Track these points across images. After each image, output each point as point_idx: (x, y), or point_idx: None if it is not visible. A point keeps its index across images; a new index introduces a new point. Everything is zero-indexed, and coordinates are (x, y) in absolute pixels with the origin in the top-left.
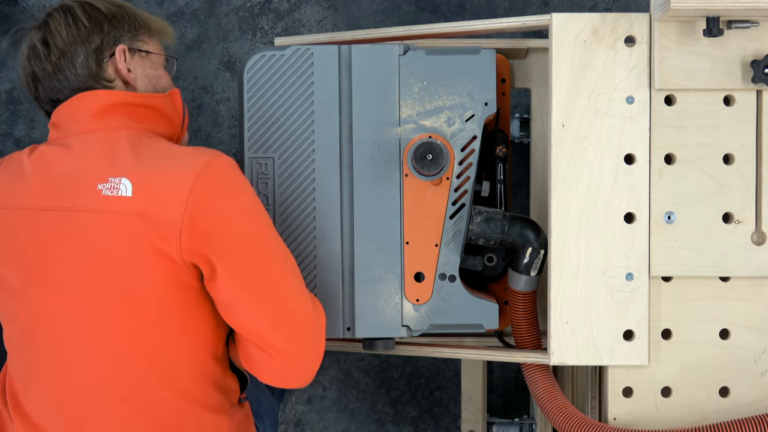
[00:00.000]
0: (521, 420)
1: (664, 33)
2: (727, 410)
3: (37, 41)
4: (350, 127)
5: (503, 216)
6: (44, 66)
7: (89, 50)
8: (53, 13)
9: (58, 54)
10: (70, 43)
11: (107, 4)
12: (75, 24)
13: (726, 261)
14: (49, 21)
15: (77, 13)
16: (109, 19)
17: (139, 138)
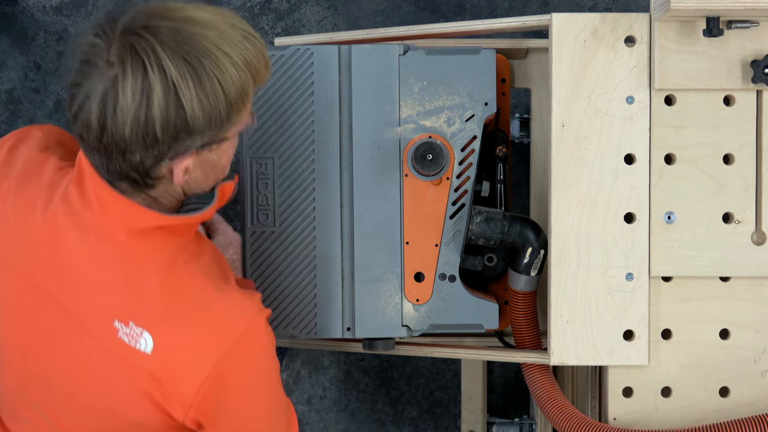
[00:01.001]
0: (521, 420)
1: (664, 33)
2: (727, 410)
3: (93, 106)
4: (350, 127)
5: (503, 216)
6: (91, 138)
7: (149, 155)
8: (128, 75)
9: (111, 142)
10: (129, 142)
11: (199, 100)
12: (145, 124)
13: (726, 261)
14: (120, 89)
15: (153, 110)
16: (189, 129)
17: (172, 268)
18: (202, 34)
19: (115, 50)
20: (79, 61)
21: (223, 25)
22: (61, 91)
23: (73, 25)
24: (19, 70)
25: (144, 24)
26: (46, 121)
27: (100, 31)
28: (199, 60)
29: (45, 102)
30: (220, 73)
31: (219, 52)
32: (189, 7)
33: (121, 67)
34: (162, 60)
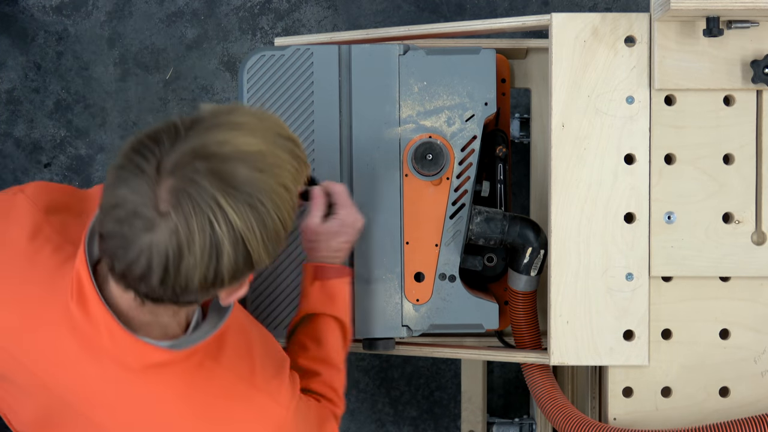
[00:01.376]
0: (521, 420)
1: (664, 33)
2: (727, 410)
3: (153, 264)
4: (350, 127)
5: (503, 216)
6: (140, 286)
7: (207, 294)
8: (194, 232)
9: (168, 291)
10: (191, 291)
11: (264, 243)
12: (213, 277)
13: (726, 261)
14: (186, 247)
15: (222, 265)
16: (252, 267)
17: (192, 386)
18: (258, 170)
19: (167, 198)
20: (114, 204)
21: (273, 146)
22: (61, 91)
23: (73, 25)
24: (19, 70)
25: (195, 167)
26: (45, 121)
27: (135, 168)
28: (261, 202)
29: (45, 102)
30: (280, 209)
31: (276, 185)
32: (234, 132)
33: (183, 221)
34: (227, 212)
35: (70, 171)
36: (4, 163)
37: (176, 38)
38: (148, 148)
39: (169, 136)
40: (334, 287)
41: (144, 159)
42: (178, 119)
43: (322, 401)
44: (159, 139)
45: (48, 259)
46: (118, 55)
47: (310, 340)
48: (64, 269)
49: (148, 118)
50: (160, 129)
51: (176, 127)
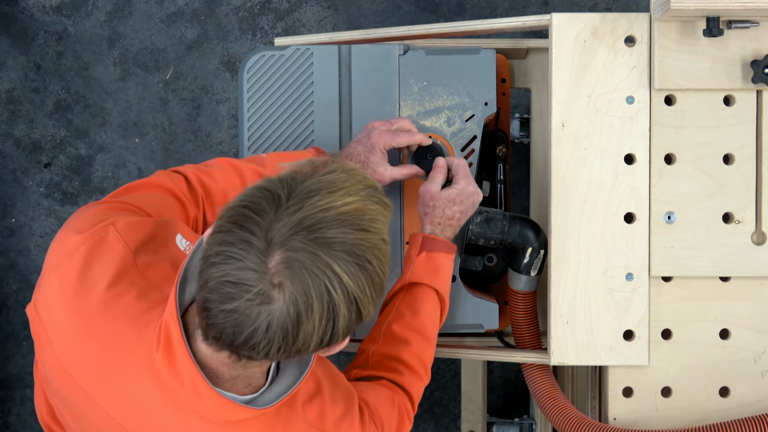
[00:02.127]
0: (521, 420)
1: (664, 33)
2: (727, 410)
3: (272, 335)
4: (350, 127)
5: (503, 216)
6: (253, 354)
7: (319, 350)
8: (311, 300)
9: (290, 350)
10: (311, 351)
11: (373, 299)
12: (330, 339)
13: (726, 261)
14: (305, 315)
15: (338, 327)
16: (360, 321)
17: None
18: (362, 230)
19: (281, 269)
20: (222, 279)
21: (367, 201)
22: (61, 91)
23: (73, 25)
24: (19, 70)
25: (305, 236)
26: (45, 121)
27: (242, 242)
28: (369, 261)
29: (45, 102)
30: (383, 263)
31: (378, 241)
32: (333, 194)
33: (300, 291)
34: (341, 277)
35: (70, 171)
36: (4, 163)
37: (176, 38)
38: (251, 219)
39: (271, 205)
40: (439, 260)
41: (250, 232)
42: (274, 185)
43: (405, 377)
44: (262, 210)
45: (130, 306)
46: (118, 55)
47: (407, 308)
48: (150, 316)
49: (148, 118)
50: (260, 198)
51: (277, 196)
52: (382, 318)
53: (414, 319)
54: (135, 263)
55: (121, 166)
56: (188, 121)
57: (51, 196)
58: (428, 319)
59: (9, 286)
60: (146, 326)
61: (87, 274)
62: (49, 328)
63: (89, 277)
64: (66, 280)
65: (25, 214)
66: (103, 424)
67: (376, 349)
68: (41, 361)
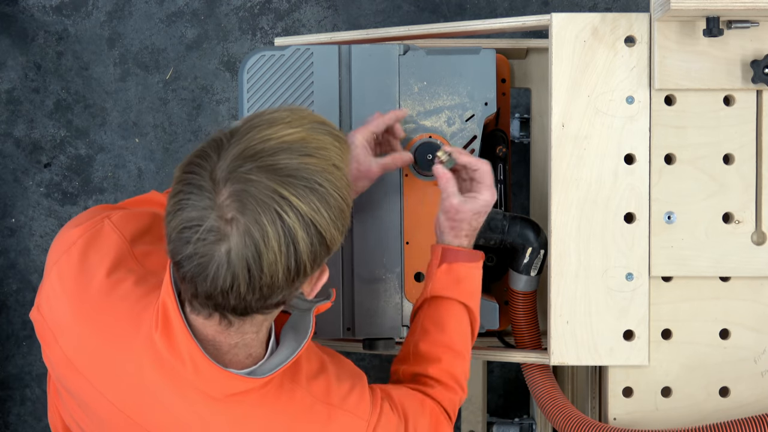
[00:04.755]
0: (521, 420)
1: (664, 33)
2: (727, 410)
3: (237, 271)
4: (350, 127)
5: (503, 216)
6: (227, 298)
7: (292, 290)
8: (265, 227)
9: (255, 295)
10: (277, 287)
11: (333, 221)
12: (296, 267)
13: (726, 261)
14: (263, 244)
15: (300, 252)
16: (328, 249)
17: (278, 410)
18: (306, 155)
19: (230, 203)
20: (179, 227)
21: (312, 131)
22: (61, 91)
23: (73, 25)
24: (19, 70)
25: (247, 168)
26: (45, 121)
27: (191, 186)
28: (318, 183)
29: (45, 102)
30: (337, 186)
31: (327, 165)
32: (273, 127)
33: (252, 221)
34: (290, 200)
35: (70, 171)
36: (4, 163)
37: (176, 38)
38: (197, 164)
39: (213, 149)
40: (461, 271)
41: (197, 175)
42: (218, 133)
43: (436, 389)
44: (206, 155)
45: (129, 292)
46: (118, 55)
47: (431, 324)
48: (147, 300)
49: (148, 118)
50: (205, 146)
51: (219, 140)
52: (409, 337)
53: (440, 334)
54: (132, 252)
55: (121, 166)
56: (188, 121)
57: (51, 196)
58: (455, 333)
59: (9, 286)
60: (145, 309)
61: (85, 265)
62: (53, 326)
63: (88, 267)
64: (65, 273)
65: (25, 214)
66: (115, 419)
67: (406, 369)
68: (50, 364)
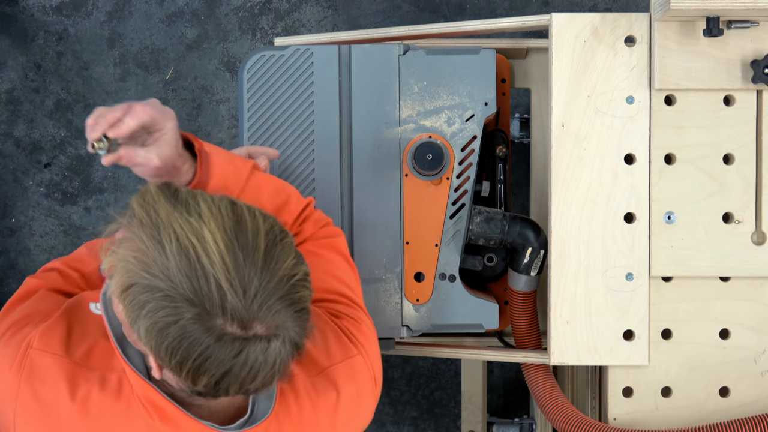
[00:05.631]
0: (521, 420)
1: (664, 33)
2: (727, 410)
3: (261, 374)
4: (350, 127)
5: (503, 216)
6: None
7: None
8: (271, 348)
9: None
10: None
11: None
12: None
13: (726, 261)
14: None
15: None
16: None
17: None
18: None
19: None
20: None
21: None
22: (61, 91)
23: (73, 25)
24: (19, 70)
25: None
26: (45, 121)
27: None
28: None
29: (45, 102)
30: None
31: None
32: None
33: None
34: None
35: (70, 171)
36: (4, 163)
37: (176, 38)
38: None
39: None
40: (214, 151)
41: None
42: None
43: (308, 222)
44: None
45: (102, 400)
46: (118, 55)
47: (272, 200)
48: (124, 395)
49: None
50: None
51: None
52: None
53: (277, 196)
54: (75, 363)
55: (121, 166)
56: (188, 121)
57: (51, 196)
58: (279, 189)
59: (9, 286)
60: (128, 405)
61: (44, 404)
62: None
63: (47, 404)
64: (31, 423)
65: (25, 214)
66: None
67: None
68: None
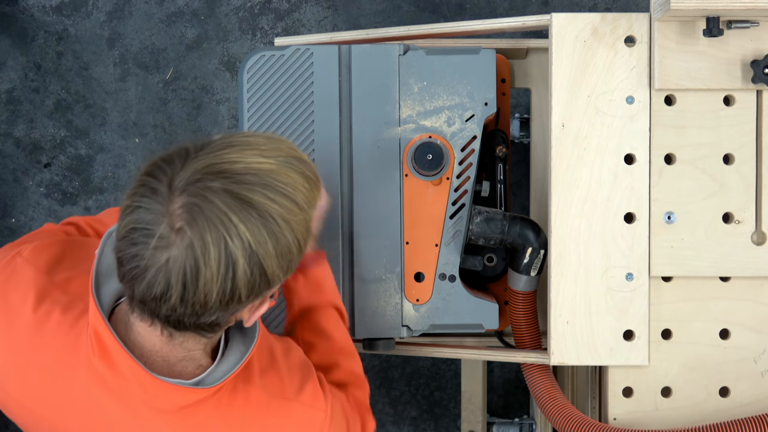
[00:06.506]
0: (521, 420)
1: (664, 33)
2: (727, 410)
3: (172, 280)
4: (350, 127)
5: (503, 216)
6: (160, 306)
7: (227, 314)
8: (208, 246)
9: (188, 309)
10: (209, 307)
11: (278, 258)
12: (231, 292)
13: (726, 261)
14: (203, 261)
15: (238, 279)
16: (269, 284)
17: (231, 415)
18: (269, 187)
19: (181, 214)
20: (129, 226)
21: (284, 166)
22: (61, 91)
23: (73, 25)
24: (19, 70)
25: (206, 184)
26: (45, 121)
27: (148, 189)
28: (273, 219)
29: (45, 102)
30: (292, 226)
31: (289, 203)
32: (246, 151)
33: (197, 236)
34: (239, 228)
35: (70, 171)
36: (4, 163)
37: (176, 38)
38: (160, 168)
39: (180, 157)
40: (317, 275)
41: (156, 179)
42: (189, 143)
43: (349, 389)
44: (170, 161)
45: (59, 323)
46: (118, 55)
47: (314, 336)
48: (79, 327)
49: (148, 118)
50: (172, 152)
51: (187, 150)
52: None
53: (328, 342)
54: (51, 281)
55: (121, 166)
56: (188, 121)
57: (51, 196)
58: (338, 334)
59: None
60: (79, 336)
61: (8, 306)
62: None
63: (11, 308)
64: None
65: (25, 214)
66: None
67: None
68: (3, 409)
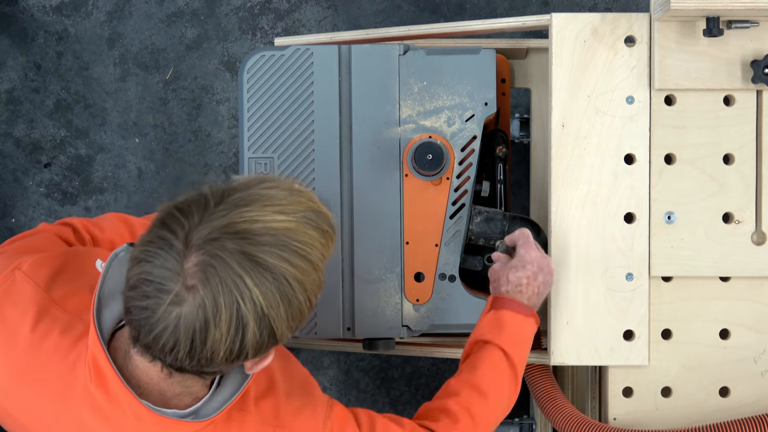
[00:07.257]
0: (521, 420)
1: (664, 33)
2: (727, 410)
3: (180, 337)
4: (350, 127)
5: (503, 216)
6: (167, 357)
7: (231, 365)
8: (220, 308)
9: (194, 363)
10: (215, 362)
11: (288, 320)
12: (238, 351)
13: (726, 261)
14: (213, 323)
15: (247, 340)
16: (276, 341)
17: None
18: (286, 248)
19: (195, 272)
20: (141, 277)
21: (302, 223)
22: (61, 91)
23: (73, 25)
24: (19, 70)
25: (223, 244)
26: (45, 121)
27: (165, 243)
28: (287, 282)
29: (45, 102)
30: (305, 288)
31: (304, 264)
32: (265, 209)
33: (210, 297)
34: (252, 292)
35: (70, 171)
36: (4, 163)
37: (176, 38)
38: (176, 220)
39: (198, 208)
40: (506, 318)
41: (172, 233)
42: (208, 190)
43: (441, 422)
44: (188, 212)
45: (58, 344)
46: (118, 55)
47: (467, 365)
48: (78, 349)
49: (148, 118)
50: (190, 200)
51: (206, 200)
52: (452, 377)
53: (470, 373)
54: (51, 299)
55: (121, 166)
56: (188, 121)
57: (51, 196)
58: (486, 374)
59: None
60: (77, 360)
61: (5, 323)
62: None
63: (9, 325)
64: None
65: (25, 214)
66: None
67: (428, 403)
68: (3, 424)
